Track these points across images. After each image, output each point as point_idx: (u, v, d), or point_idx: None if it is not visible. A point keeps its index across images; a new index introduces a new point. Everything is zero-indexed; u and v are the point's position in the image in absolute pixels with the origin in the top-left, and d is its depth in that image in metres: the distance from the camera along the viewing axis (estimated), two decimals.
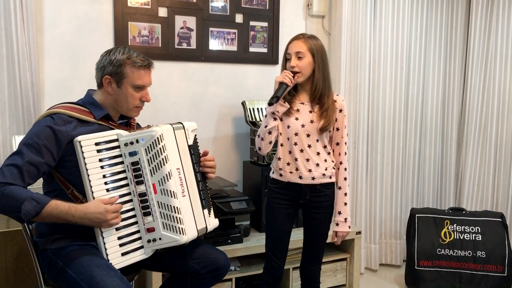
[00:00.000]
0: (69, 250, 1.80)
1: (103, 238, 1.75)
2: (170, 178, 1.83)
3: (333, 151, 2.36)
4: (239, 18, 3.22)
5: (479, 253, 3.20)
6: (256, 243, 2.86)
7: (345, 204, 2.36)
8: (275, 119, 2.24)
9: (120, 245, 1.79)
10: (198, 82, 3.14)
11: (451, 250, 3.25)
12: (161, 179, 1.82)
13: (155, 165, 1.82)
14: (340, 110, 2.32)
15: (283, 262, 2.40)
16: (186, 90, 3.11)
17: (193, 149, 2.03)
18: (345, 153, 2.37)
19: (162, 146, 1.83)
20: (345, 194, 2.36)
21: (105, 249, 1.75)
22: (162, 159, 1.82)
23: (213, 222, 2.07)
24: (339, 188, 2.37)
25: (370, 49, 3.45)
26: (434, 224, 3.33)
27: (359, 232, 3.15)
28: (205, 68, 3.15)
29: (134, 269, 1.99)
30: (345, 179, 2.36)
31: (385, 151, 3.59)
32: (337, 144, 2.36)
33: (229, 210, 2.77)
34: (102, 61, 1.94)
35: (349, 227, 2.38)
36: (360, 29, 3.37)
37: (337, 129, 2.34)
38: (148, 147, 1.82)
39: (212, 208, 2.09)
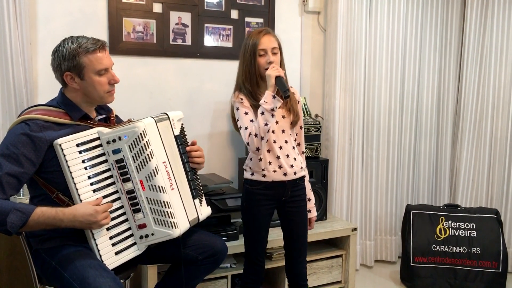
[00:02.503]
0: (62, 250, 1.78)
1: (94, 240, 1.73)
2: (157, 173, 1.80)
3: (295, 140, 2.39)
4: (234, 14, 3.20)
5: (474, 249, 3.21)
6: None
7: (311, 190, 2.47)
8: (273, 115, 2.19)
9: (113, 245, 1.78)
10: (193, 79, 3.12)
11: (446, 247, 3.25)
12: (148, 175, 1.79)
13: (140, 162, 1.78)
14: (298, 102, 2.38)
15: (264, 258, 2.43)
16: (181, 87, 3.09)
17: (180, 139, 1.99)
18: (303, 141, 2.45)
19: (146, 141, 1.79)
20: (308, 181, 2.45)
21: (98, 250, 1.74)
22: (148, 154, 1.78)
23: (205, 211, 2.06)
24: (304, 176, 2.40)
25: (365, 45, 3.44)
26: (430, 221, 3.34)
27: (355, 229, 3.14)
28: (201, 64, 3.13)
29: (130, 266, 1.97)
30: (306, 166, 2.44)
31: (380, 147, 3.59)
32: (297, 134, 2.41)
33: (225, 207, 2.76)
34: (55, 60, 1.85)
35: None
36: (356, 25, 3.35)
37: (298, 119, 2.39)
38: (131, 143, 1.78)
39: (203, 197, 2.07)
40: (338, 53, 3.33)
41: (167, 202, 1.81)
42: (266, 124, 2.16)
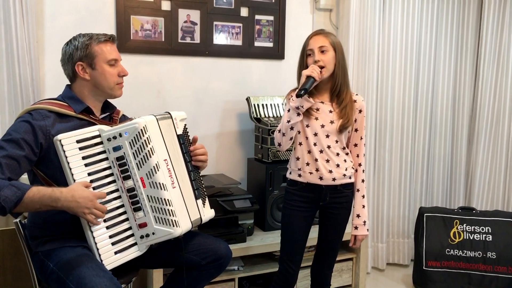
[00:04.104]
0: (59, 252, 1.75)
1: (93, 238, 1.70)
2: (158, 170, 1.76)
3: (351, 152, 2.29)
4: (244, 12, 3.14)
5: (489, 254, 3.12)
6: (260, 242, 2.79)
7: (363, 207, 2.30)
8: (298, 114, 2.16)
9: (113, 244, 1.74)
10: (202, 77, 3.07)
11: (460, 251, 3.17)
12: (148, 172, 1.76)
13: (141, 158, 1.76)
14: (360, 111, 2.26)
15: (297, 267, 2.33)
16: (189, 85, 3.05)
17: (183, 138, 1.96)
18: (364, 154, 2.31)
19: (147, 137, 1.76)
20: (363, 197, 2.30)
21: (97, 249, 1.70)
22: (148, 151, 1.75)
23: (208, 213, 2.01)
24: (357, 190, 2.30)
25: (378, 44, 3.36)
26: (443, 224, 3.25)
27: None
28: (209, 63, 3.08)
29: (131, 270, 1.94)
30: (363, 181, 2.31)
31: (393, 148, 3.51)
32: (355, 145, 2.29)
33: (232, 208, 2.71)
34: (67, 53, 1.91)
35: (368, 230, 2.33)
36: (369, 23, 3.28)
37: (356, 130, 2.27)
38: (132, 140, 1.76)
39: (206, 198, 2.03)
40: (350, 52, 3.25)
41: (168, 199, 1.76)
42: (288, 121, 2.17)
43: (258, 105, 3.06)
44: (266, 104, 3.09)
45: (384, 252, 3.58)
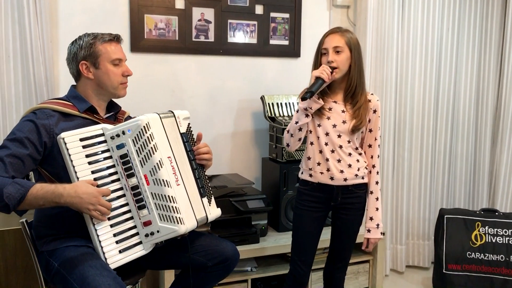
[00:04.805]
0: (64, 251, 1.75)
1: (98, 236, 1.69)
2: (161, 167, 1.75)
3: (365, 153, 2.23)
4: (259, 9, 3.10)
5: None
6: (273, 243, 2.75)
7: (377, 209, 2.24)
8: (307, 115, 2.12)
9: (117, 242, 1.72)
10: (216, 76, 3.05)
11: (482, 254, 3.06)
12: (152, 168, 1.74)
13: (144, 155, 1.74)
14: (374, 111, 2.19)
15: (308, 268, 2.29)
16: (203, 84, 3.02)
17: (186, 136, 1.94)
18: (378, 156, 2.24)
19: (150, 134, 1.75)
20: (377, 199, 2.24)
21: (101, 247, 1.69)
22: (151, 147, 1.74)
23: (214, 212, 1.98)
24: (371, 192, 2.24)
25: (397, 41, 3.27)
26: (464, 226, 3.15)
27: (383, 233, 2.99)
28: (224, 61, 3.05)
29: (138, 270, 1.92)
30: (377, 183, 2.24)
31: (413, 148, 3.43)
32: (370, 146, 2.23)
33: (245, 209, 2.67)
34: (71, 52, 1.92)
35: (381, 233, 2.26)
36: (387, 19, 3.20)
37: (370, 131, 2.21)
38: (135, 137, 1.75)
39: (212, 197, 2.00)
40: (367, 49, 3.18)
41: (172, 196, 1.74)
42: (296, 122, 2.13)
43: (272, 104, 3.02)
44: (281, 103, 3.05)
45: (404, 254, 3.49)
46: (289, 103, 3.07)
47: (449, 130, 3.54)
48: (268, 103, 3.01)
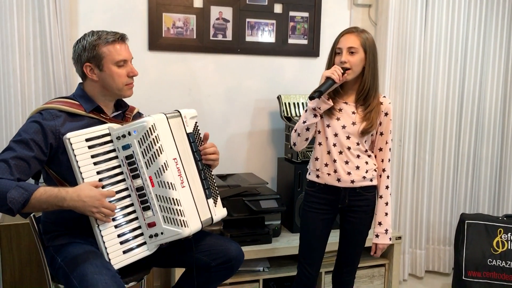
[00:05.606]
0: (68, 247, 1.77)
1: (102, 236, 1.70)
2: (166, 169, 1.74)
3: (375, 156, 2.18)
4: (278, 8, 3.08)
5: None
6: (286, 244, 2.74)
7: (386, 214, 2.18)
8: (315, 115, 2.08)
9: (121, 243, 1.73)
10: (233, 75, 3.04)
11: (503, 261, 2.96)
12: (157, 171, 1.74)
13: (150, 157, 1.74)
14: (386, 114, 2.14)
15: (316, 271, 2.26)
16: (221, 83, 3.02)
17: (193, 137, 1.93)
18: (389, 160, 2.19)
19: (156, 136, 1.74)
20: (386, 204, 2.18)
21: (105, 248, 1.70)
22: (157, 150, 1.74)
23: (220, 212, 1.97)
24: (380, 197, 2.19)
25: (420, 40, 3.19)
26: (486, 232, 3.05)
27: (399, 237, 2.94)
28: (241, 60, 3.04)
29: (143, 267, 1.94)
30: (387, 187, 2.18)
31: (435, 150, 3.34)
32: (380, 149, 2.18)
33: (258, 208, 2.66)
34: (76, 52, 1.89)
35: (390, 239, 2.21)
36: (409, 19, 3.12)
37: (381, 134, 2.16)
38: (141, 138, 1.74)
39: (218, 197, 1.99)
40: (388, 49, 3.12)
41: (176, 199, 1.75)
42: (304, 122, 2.11)
43: (289, 103, 3.00)
44: (297, 103, 3.02)
45: (423, 259, 3.41)
46: (306, 103, 3.03)
47: (474, 133, 3.44)
48: (285, 103, 2.99)
